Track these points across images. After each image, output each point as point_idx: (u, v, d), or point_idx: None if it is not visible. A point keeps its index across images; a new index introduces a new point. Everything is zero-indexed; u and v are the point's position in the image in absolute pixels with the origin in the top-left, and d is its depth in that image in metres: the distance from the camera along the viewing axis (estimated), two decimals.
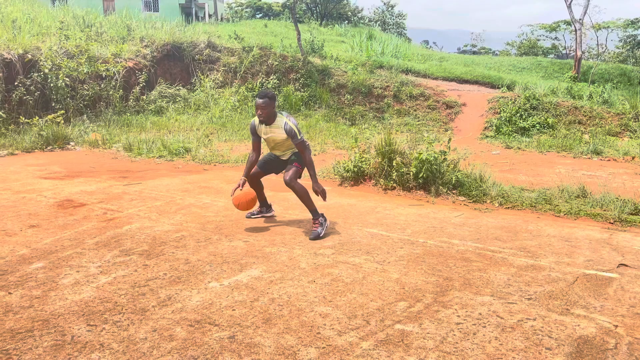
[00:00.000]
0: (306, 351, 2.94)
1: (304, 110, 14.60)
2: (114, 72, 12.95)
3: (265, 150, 5.57)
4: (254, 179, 5.44)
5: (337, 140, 11.51)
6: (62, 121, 10.82)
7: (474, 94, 15.03)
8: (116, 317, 3.31)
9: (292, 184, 5.06)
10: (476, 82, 17.17)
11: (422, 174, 6.67)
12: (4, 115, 10.40)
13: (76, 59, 12.22)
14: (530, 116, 13.25)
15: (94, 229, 5.19)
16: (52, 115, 10.67)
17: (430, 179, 6.72)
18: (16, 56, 11.26)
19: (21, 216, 5.55)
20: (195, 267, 4.22)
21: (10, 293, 3.66)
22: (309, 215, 5.38)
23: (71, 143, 10.45)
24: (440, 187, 6.66)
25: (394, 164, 6.86)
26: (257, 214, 5.73)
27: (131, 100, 13.49)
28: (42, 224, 5.29)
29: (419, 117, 14.07)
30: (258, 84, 15.23)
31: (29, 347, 2.94)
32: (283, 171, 5.31)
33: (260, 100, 4.89)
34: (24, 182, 7.23)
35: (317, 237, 4.94)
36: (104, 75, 12.86)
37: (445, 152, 6.82)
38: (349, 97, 14.94)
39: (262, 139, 5.28)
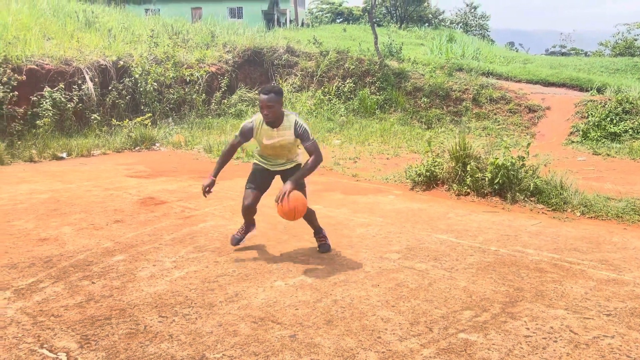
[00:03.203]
0: (365, 354, 2.93)
1: (379, 113, 14.53)
2: (197, 76, 13.57)
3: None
4: (253, 208, 4.53)
5: (411, 144, 11.36)
6: (150, 123, 11.48)
7: (560, 97, 14.26)
8: (186, 310, 3.47)
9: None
10: (563, 85, 16.27)
11: (498, 179, 6.42)
12: (98, 118, 11.20)
13: (163, 64, 12.94)
14: (622, 121, 12.36)
15: (171, 225, 5.47)
16: (141, 117, 11.35)
17: (506, 185, 6.46)
18: (110, 62, 12.11)
19: (108, 212, 5.95)
20: (263, 265, 4.33)
21: (93, 282, 3.93)
22: (379, 219, 5.36)
23: (157, 144, 11.06)
24: (517, 193, 6.38)
25: (468, 168, 6.67)
26: (242, 237, 4.81)
27: (213, 104, 14.07)
28: (125, 220, 5.65)
29: (498, 121, 13.56)
30: (334, 87, 15.36)
31: (106, 334, 3.15)
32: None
33: (265, 97, 4.02)
34: (113, 180, 7.75)
35: (328, 250, 4.66)
36: (188, 80, 13.52)
37: (524, 157, 6.53)
38: (425, 100, 14.69)
39: (260, 144, 4.40)
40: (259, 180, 4.53)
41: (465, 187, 6.75)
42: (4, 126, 9.84)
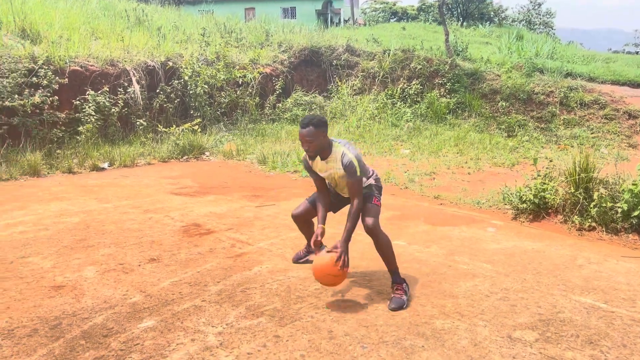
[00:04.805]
0: None
1: (451, 119, 13.01)
2: (250, 78, 12.50)
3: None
4: (301, 219, 4.14)
5: (493, 155, 9.84)
6: (199, 129, 10.48)
7: None
8: None
9: (375, 230, 3.63)
10: None
11: (638, 212, 4.90)
12: (144, 123, 10.30)
13: (214, 65, 11.94)
14: None
15: (219, 268, 4.29)
16: (189, 123, 10.37)
17: None
18: (159, 63, 11.20)
19: (143, 245, 4.85)
20: (342, 347, 3.05)
21: None
22: (487, 265, 3.99)
23: (206, 153, 10.04)
24: None
25: (595, 196, 5.17)
26: (304, 258, 4.43)
27: (267, 108, 12.98)
28: (162, 258, 4.52)
29: (592, 129, 11.77)
30: (399, 89, 13.95)
31: None
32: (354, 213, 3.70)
33: (304, 131, 3.52)
34: (154, 198, 6.70)
35: (400, 308, 3.55)
36: (240, 82, 12.48)
37: None
38: (504, 104, 13.05)
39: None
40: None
41: (589, 220, 5.26)
42: (44, 133, 9.04)
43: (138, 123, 10.26)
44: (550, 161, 6.04)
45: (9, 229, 5.27)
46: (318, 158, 3.70)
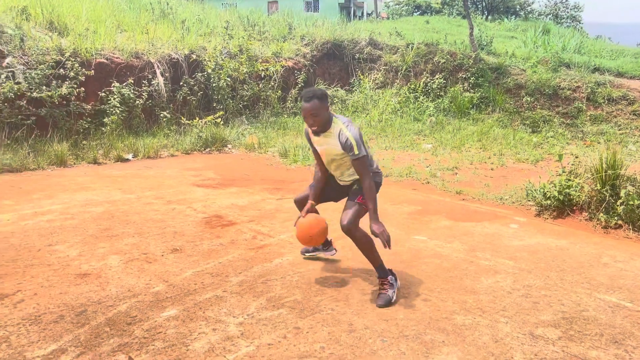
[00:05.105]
0: None
1: (474, 113, 12.85)
2: (273, 71, 12.52)
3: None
4: (302, 204, 4.00)
5: (517, 150, 9.69)
6: (221, 122, 10.55)
7: None
8: None
9: (351, 231, 3.49)
10: None
11: None
12: (168, 116, 10.40)
13: (237, 58, 11.98)
14: None
15: (240, 259, 4.33)
16: (212, 116, 10.44)
17: None
18: (182, 56, 11.28)
19: (166, 235, 4.92)
20: (362, 340, 3.06)
21: (130, 359, 2.82)
22: (509, 262, 3.95)
23: (228, 145, 10.10)
24: None
25: (622, 194, 5.06)
26: (312, 252, 4.36)
27: (289, 101, 12.99)
28: (185, 248, 4.58)
29: (620, 125, 11.51)
30: (421, 83, 13.82)
31: None
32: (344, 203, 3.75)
33: (308, 105, 3.42)
34: (177, 189, 6.78)
35: (388, 304, 3.47)
36: (263, 75, 12.50)
37: None
38: (528, 99, 12.83)
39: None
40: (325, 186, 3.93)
41: (616, 218, 5.16)
42: (71, 124, 9.20)
43: (162, 115, 10.36)
44: (576, 157, 5.93)
45: (37, 217, 5.39)
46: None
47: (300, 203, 4.05)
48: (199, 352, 2.90)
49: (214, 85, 11.35)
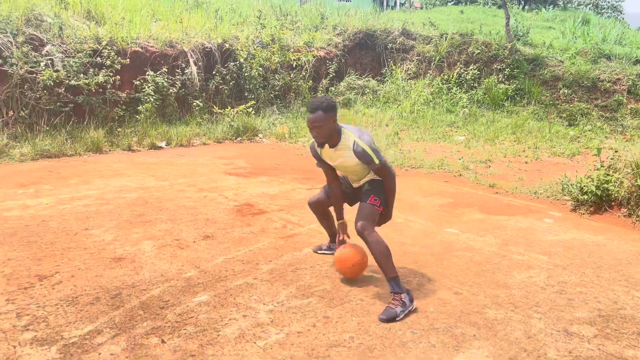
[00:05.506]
0: None
1: (509, 105, 12.57)
2: (304, 61, 12.50)
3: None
4: (316, 208, 3.94)
5: (552, 144, 9.46)
6: (252, 111, 10.61)
7: None
8: None
9: (364, 234, 3.35)
10: None
11: None
12: (201, 104, 10.50)
13: (269, 48, 12.00)
14: None
15: (270, 248, 4.36)
16: (244, 105, 10.50)
17: None
18: (215, 45, 11.36)
19: (198, 222, 4.99)
20: (392, 331, 3.04)
21: (163, 342, 2.88)
22: (543, 257, 3.86)
23: (259, 135, 10.15)
24: None
25: None
26: (326, 250, 4.23)
27: (320, 91, 12.95)
28: (217, 235, 4.63)
29: None
30: (455, 74, 13.59)
31: None
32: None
33: (313, 116, 3.30)
34: (209, 177, 6.85)
35: (391, 319, 3.15)
36: (294, 65, 12.49)
37: None
38: (566, 91, 12.48)
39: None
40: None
41: None
42: (107, 112, 9.39)
43: (194, 104, 10.48)
44: (616, 152, 5.75)
45: (74, 202, 5.53)
46: (327, 146, 3.48)
47: (314, 206, 3.94)
48: (229, 337, 2.94)
49: (245, 74, 11.40)
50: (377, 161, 3.38)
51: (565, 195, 5.91)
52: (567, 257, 4.26)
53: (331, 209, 3.94)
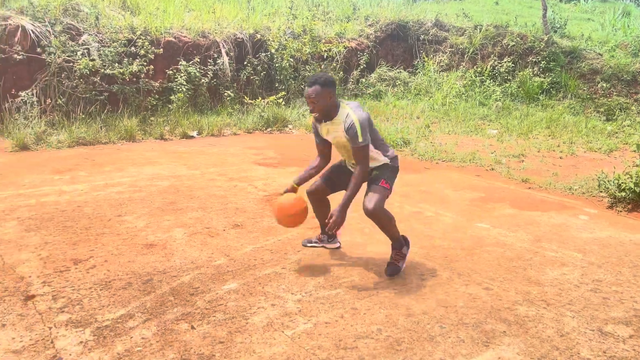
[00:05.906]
0: None
1: (543, 99, 12.28)
2: (335, 52, 12.44)
3: (336, 156, 3.85)
4: (315, 196, 3.86)
5: (589, 139, 9.21)
6: (283, 102, 10.63)
7: None
8: None
9: (377, 214, 3.41)
10: None
11: None
12: (232, 95, 10.59)
13: (300, 39, 11.98)
14: None
15: (299, 238, 4.37)
16: (274, 96, 10.54)
17: None
18: (247, 36, 11.41)
19: (228, 211, 5.03)
20: (420, 325, 3.02)
21: (193, 328, 2.93)
22: (577, 254, 3.76)
23: (289, 126, 10.18)
24: None
25: None
26: (316, 242, 4.15)
27: (350, 82, 12.89)
28: (246, 224, 4.67)
29: None
30: (489, 67, 13.34)
31: None
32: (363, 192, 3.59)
33: (310, 90, 3.33)
34: (239, 167, 6.91)
35: (396, 272, 3.64)
36: (325, 56, 12.45)
37: None
38: (604, 85, 12.12)
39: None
40: (332, 175, 3.80)
41: None
42: (140, 101, 9.55)
43: (226, 94, 10.56)
44: None
45: (107, 188, 5.65)
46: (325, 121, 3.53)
47: (312, 195, 3.88)
48: (258, 325, 2.96)
49: (276, 65, 11.42)
50: (360, 139, 3.33)
51: (601, 192, 5.75)
52: (602, 255, 4.15)
53: (330, 197, 3.91)
